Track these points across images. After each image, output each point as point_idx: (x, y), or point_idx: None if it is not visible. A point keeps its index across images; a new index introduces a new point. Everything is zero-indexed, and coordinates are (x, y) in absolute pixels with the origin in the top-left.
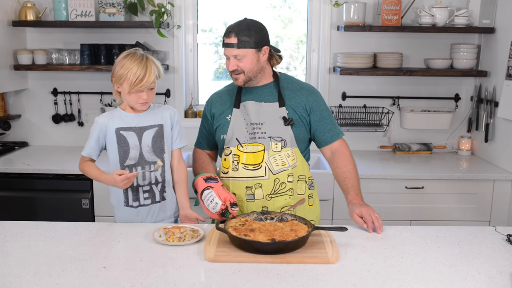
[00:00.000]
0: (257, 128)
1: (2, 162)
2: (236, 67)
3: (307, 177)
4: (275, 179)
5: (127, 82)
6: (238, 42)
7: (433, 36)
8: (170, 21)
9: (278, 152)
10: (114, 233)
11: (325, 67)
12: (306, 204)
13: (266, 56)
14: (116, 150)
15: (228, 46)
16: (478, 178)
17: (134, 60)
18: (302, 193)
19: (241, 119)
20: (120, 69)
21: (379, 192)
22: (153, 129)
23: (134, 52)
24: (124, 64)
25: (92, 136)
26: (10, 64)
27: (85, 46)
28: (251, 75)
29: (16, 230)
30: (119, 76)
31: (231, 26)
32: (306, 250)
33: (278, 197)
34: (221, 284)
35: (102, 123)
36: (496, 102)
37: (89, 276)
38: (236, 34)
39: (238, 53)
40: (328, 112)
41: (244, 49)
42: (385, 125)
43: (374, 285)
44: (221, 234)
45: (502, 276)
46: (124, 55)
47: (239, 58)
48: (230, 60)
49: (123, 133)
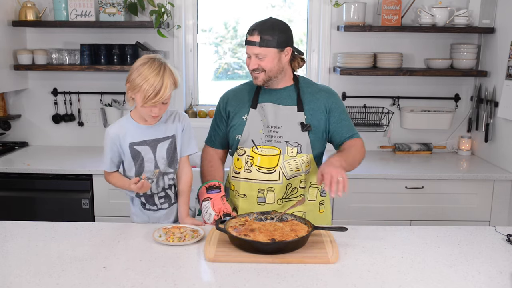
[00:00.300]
0: (274, 131)
1: (2, 162)
2: (257, 65)
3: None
4: (288, 184)
5: (141, 94)
6: (261, 40)
7: (433, 36)
8: (170, 21)
9: (293, 157)
10: (114, 233)
11: (325, 67)
12: (316, 210)
13: (288, 57)
14: (133, 165)
15: (250, 44)
16: (478, 178)
17: (152, 71)
18: (313, 199)
19: (258, 120)
20: (137, 77)
21: (379, 192)
22: (167, 141)
23: (153, 60)
24: (142, 73)
25: (106, 149)
26: (10, 64)
27: (85, 46)
28: (272, 75)
29: (16, 230)
30: (134, 86)
31: (255, 24)
32: (306, 250)
33: (289, 202)
34: (221, 284)
35: (115, 136)
36: (496, 102)
37: (89, 276)
38: (259, 32)
39: (260, 51)
40: (346, 115)
41: (266, 48)
42: (385, 125)
43: (374, 285)
44: (221, 234)
45: (502, 276)
46: (143, 62)
47: (261, 57)
48: (251, 59)
49: (137, 148)
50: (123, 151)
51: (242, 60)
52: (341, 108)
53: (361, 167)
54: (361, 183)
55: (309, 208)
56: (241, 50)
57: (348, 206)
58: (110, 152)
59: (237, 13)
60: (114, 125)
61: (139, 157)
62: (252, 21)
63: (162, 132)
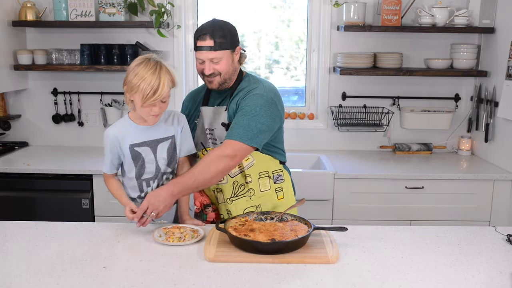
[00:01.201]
0: (210, 133)
1: (2, 162)
2: (213, 70)
3: (270, 172)
4: (234, 182)
5: (139, 94)
6: (215, 44)
7: (433, 36)
8: (170, 21)
9: None
10: (114, 233)
11: (325, 67)
12: (274, 199)
13: (238, 56)
14: (133, 167)
15: (203, 49)
16: (478, 178)
17: (147, 70)
18: (266, 189)
19: (202, 123)
20: (133, 78)
21: (379, 192)
22: (167, 142)
23: (148, 59)
24: (138, 73)
25: (106, 150)
26: (10, 64)
27: (85, 46)
28: (227, 77)
29: (16, 230)
30: (131, 87)
31: (204, 28)
32: (306, 250)
33: (239, 199)
34: (221, 284)
35: (114, 137)
36: (496, 102)
37: (89, 276)
38: (211, 36)
39: (215, 55)
40: (244, 114)
41: (221, 51)
42: (385, 125)
43: (374, 285)
44: (221, 234)
45: (502, 276)
46: (138, 62)
47: (216, 61)
48: (206, 64)
49: (138, 149)
50: (123, 153)
51: None
52: (248, 102)
53: (361, 167)
54: (361, 183)
55: (264, 199)
56: None
57: (348, 206)
58: (110, 154)
59: (237, 13)
60: (112, 127)
61: (140, 158)
62: (252, 21)
63: (162, 132)
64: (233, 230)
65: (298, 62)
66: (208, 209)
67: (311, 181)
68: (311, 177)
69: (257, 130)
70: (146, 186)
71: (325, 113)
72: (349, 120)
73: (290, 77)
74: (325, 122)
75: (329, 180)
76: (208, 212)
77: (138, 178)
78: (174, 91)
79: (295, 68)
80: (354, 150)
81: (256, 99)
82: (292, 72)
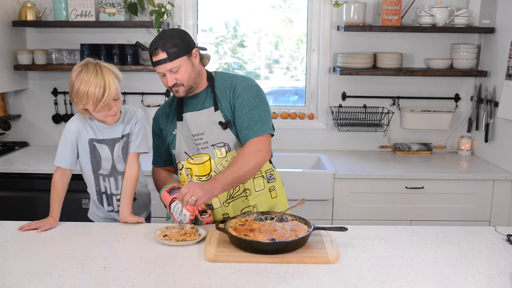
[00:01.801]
0: (198, 139)
1: (2, 162)
2: (175, 80)
3: (263, 172)
4: None
5: (90, 99)
6: (168, 55)
7: (433, 36)
8: (170, 21)
9: (224, 157)
10: (114, 233)
11: (325, 67)
12: (269, 199)
13: (198, 59)
14: (89, 161)
15: (159, 64)
16: (478, 178)
17: (90, 74)
18: (261, 189)
19: (186, 131)
20: (80, 86)
21: (379, 192)
22: (122, 140)
23: (86, 65)
24: (82, 80)
25: (66, 143)
26: (10, 64)
27: (85, 46)
28: (191, 83)
29: (16, 230)
30: (80, 96)
31: (154, 43)
32: (306, 250)
33: (235, 200)
34: (221, 284)
35: (76, 129)
36: (496, 102)
37: (89, 276)
38: (162, 48)
39: (172, 66)
40: (248, 105)
41: (176, 60)
42: (385, 125)
43: (374, 285)
44: (221, 234)
45: (502, 276)
46: (78, 70)
47: (175, 71)
48: (166, 76)
49: (96, 145)
50: (82, 146)
51: (242, 60)
52: (244, 96)
53: (361, 167)
54: (361, 183)
55: (260, 199)
56: (241, 50)
57: (348, 206)
58: (70, 145)
59: (237, 13)
60: (75, 118)
61: (97, 155)
62: (252, 21)
63: (120, 131)
64: (233, 230)
65: (298, 62)
66: (204, 215)
67: (311, 181)
68: (311, 177)
69: (266, 118)
70: (103, 180)
71: (325, 113)
72: (349, 120)
73: (290, 77)
74: (325, 122)
75: (329, 180)
76: (205, 218)
77: (95, 173)
78: None
79: (295, 68)
80: (354, 150)
81: (248, 91)
82: (292, 72)
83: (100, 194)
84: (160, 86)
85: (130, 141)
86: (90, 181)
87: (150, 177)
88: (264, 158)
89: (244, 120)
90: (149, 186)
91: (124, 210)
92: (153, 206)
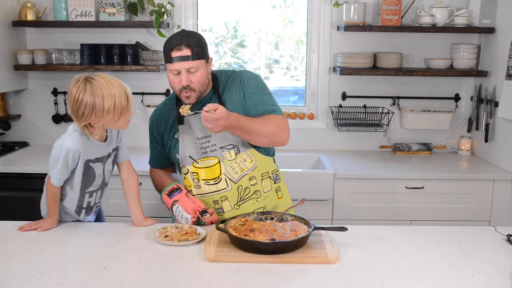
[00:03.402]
0: (206, 141)
1: (2, 162)
2: (189, 82)
3: (270, 172)
4: (238, 187)
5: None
6: (192, 53)
7: (433, 36)
8: (170, 21)
9: (234, 160)
10: (114, 233)
11: (325, 67)
12: (275, 199)
13: (211, 68)
14: (80, 180)
15: (181, 60)
16: (478, 178)
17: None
18: (268, 189)
19: (189, 135)
20: (103, 101)
21: (379, 192)
22: (113, 154)
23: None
24: (103, 95)
25: (62, 163)
26: (10, 64)
27: (85, 46)
28: (202, 90)
29: (16, 230)
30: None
31: (177, 38)
32: (306, 250)
33: (246, 202)
34: (221, 284)
35: (76, 151)
36: (496, 102)
37: (89, 276)
38: (187, 45)
39: (193, 65)
40: (259, 90)
41: (198, 61)
42: (385, 125)
43: (374, 285)
44: (221, 234)
45: (502, 276)
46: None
47: (193, 71)
48: (182, 75)
49: (92, 165)
50: (78, 168)
51: (242, 60)
52: (253, 84)
53: (361, 167)
54: (361, 183)
55: (268, 200)
56: (241, 50)
57: (348, 206)
58: (66, 166)
59: (237, 13)
60: (69, 140)
61: (91, 173)
62: (252, 21)
63: (112, 146)
64: (233, 230)
65: (298, 62)
66: (206, 215)
67: (311, 181)
68: (311, 177)
69: (277, 103)
70: (89, 197)
71: (325, 113)
72: (349, 120)
73: (290, 77)
74: (325, 122)
75: (329, 180)
76: (206, 218)
77: (82, 191)
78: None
79: (295, 68)
80: (354, 150)
81: (254, 80)
82: (292, 72)
83: (81, 208)
84: (160, 86)
85: (119, 152)
86: (72, 198)
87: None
88: (280, 136)
89: (258, 104)
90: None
91: (138, 216)
92: (154, 206)
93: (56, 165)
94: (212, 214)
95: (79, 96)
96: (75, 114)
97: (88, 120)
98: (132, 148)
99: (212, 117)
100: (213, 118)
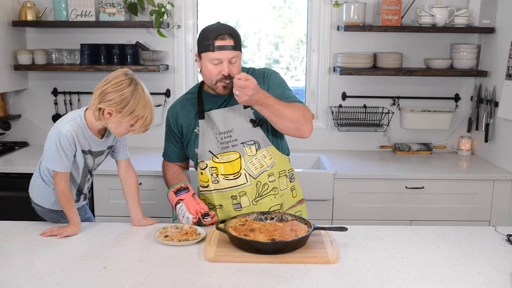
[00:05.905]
0: (227, 136)
1: (2, 162)
2: (229, 72)
3: (286, 171)
4: (257, 183)
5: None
6: (235, 43)
7: (433, 36)
8: (170, 21)
9: (254, 155)
10: (114, 233)
11: (325, 67)
12: (291, 197)
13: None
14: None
15: (225, 49)
16: (478, 178)
17: (143, 98)
18: (284, 188)
19: (209, 130)
20: (137, 106)
21: (379, 192)
22: (106, 151)
23: (135, 83)
24: (139, 103)
25: (65, 151)
26: (10, 64)
27: (85, 46)
28: None
29: (16, 230)
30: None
31: (221, 28)
32: (306, 250)
33: (263, 199)
34: (221, 284)
35: (74, 136)
36: (496, 102)
37: (89, 276)
38: (230, 35)
39: (234, 55)
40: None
41: (238, 52)
42: (385, 125)
43: (374, 285)
44: (221, 234)
45: (502, 276)
46: (132, 89)
47: (234, 62)
48: (224, 65)
49: (84, 156)
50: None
51: (242, 60)
52: (277, 80)
53: (361, 167)
54: (361, 183)
55: (284, 198)
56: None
57: (348, 206)
58: (69, 153)
59: (237, 13)
60: (69, 125)
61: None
62: (252, 21)
63: (107, 144)
64: (233, 230)
65: (298, 62)
66: (207, 219)
67: (311, 181)
68: (311, 177)
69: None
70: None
71: (325, 113)
72: (349, 120)
73: (290, 77)
74: (325, 122)
75: (329, 180)
76: (207, 221)
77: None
78: (174, 91)
79: (295, 68)
80: (354, 150)
81: (276, 76)
82: (292, 72)
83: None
84: (160, 86)
85: (118, 150)
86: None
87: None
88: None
89: (283, 97)
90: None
91: (137, 215)
92: (154, 206)
93: (56, 150)
94: (213, 217)
95: (121, 85)
96: (102, 95)
97: (107, 109)
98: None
99: (241, 84)
100: (242, 85)
